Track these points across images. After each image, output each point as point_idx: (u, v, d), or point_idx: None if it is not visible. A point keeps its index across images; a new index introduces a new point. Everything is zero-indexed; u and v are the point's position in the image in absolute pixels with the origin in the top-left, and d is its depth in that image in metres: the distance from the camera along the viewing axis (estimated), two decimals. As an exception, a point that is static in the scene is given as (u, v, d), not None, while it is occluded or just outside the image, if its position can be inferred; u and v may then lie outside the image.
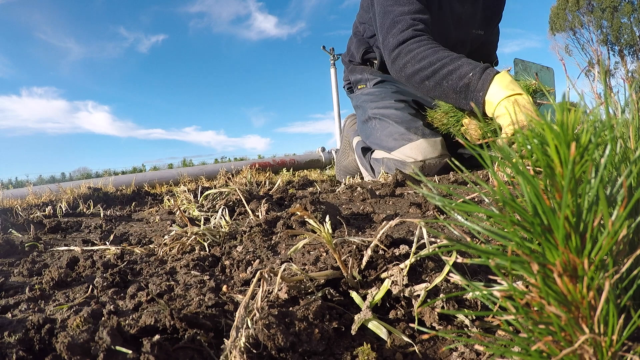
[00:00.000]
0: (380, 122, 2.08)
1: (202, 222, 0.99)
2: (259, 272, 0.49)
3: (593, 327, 0.30)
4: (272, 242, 0.82)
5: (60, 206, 1.65)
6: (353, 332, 0.46)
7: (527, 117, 0.30)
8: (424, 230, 0.55)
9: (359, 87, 2.37)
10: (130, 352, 0.41)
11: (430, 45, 1.72)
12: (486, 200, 0.41)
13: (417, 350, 0.45)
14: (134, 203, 1.87)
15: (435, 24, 2.00)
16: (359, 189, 1.43)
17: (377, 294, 0.50)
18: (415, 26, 1.78)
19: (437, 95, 1.75)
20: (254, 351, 0.41)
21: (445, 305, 0.48)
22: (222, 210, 1.02)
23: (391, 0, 1.88)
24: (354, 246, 0.59)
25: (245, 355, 0.40)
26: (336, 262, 0.58)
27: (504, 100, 1.47)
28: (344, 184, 1.79)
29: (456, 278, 0.41)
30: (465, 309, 0.49)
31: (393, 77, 2.02)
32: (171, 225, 1.16)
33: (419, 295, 0.49)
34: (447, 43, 2.07)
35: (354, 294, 0.52)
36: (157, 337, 0.42)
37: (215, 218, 0.99)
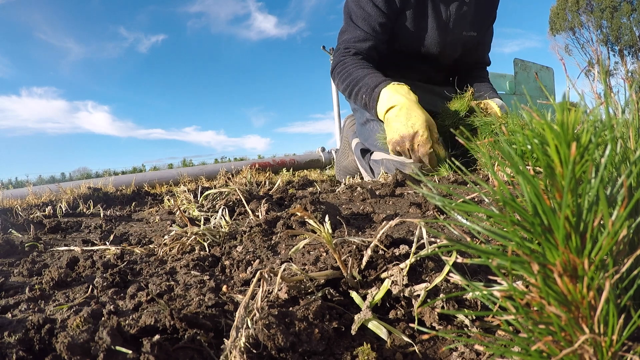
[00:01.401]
0: (379, 123, 2.09)
1: (202, 222, 0.99)
2: (259, 272, 0.49)
3: (593, 327, 0.30)
4: (272, 242, 0.82)
5: (60, 206, 1.65)
6: (353, 332, 0.46)
7: (528, 117, 0.30)
8: (424, 230, 0.55)
9: None
10: (130, 352, 0.41)
11: (350, 67, 1.97)
12: (486, 200, 0.41)
13: (417, 350, 0.45)
14: (134, 203, 1.87)
15: (416, 29, 2.07)
16: (359, 189, 1.43)
17: (377, 294, 0.50)
18: (346, 53, 2.05)
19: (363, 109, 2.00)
20: (254, 351, 0.41)
21: (445, 305, 0.48)
22: (222, 210, 1.02)
23: (346, 22, 2.12)
24: (354, 246, 0.59)
25: (245, 355, 0.40)
26: (336, 262, 0.58)
27: (384, 115, 1.75)
28: (344, 184, 1.79)
29: (456, 278, 0.41)
30: (465, 309, 0.49)
31: None
32: (171, 225, 1.16)
33: (419, 295, 0.49)
34: (433, 46, 2.09)
35: (354, 294, 0.52)
36: (157, 337, 0.42)
37: (215, 218, 0.99)
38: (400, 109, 1.69)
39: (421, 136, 1.63)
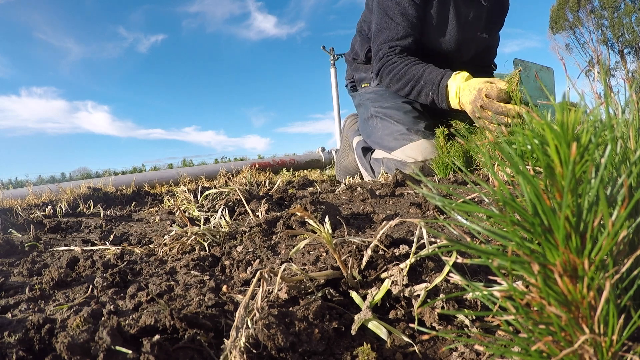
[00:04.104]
0: (382, 121, 2.09)
1: (202, 222, 0.99)
2: (259, 272, 0.49)
3: (593, 327, 0.30)
4: (272, 242, 0.82)
5: (60, 206, 1.65)
6: (353, 332, 0.46)
7: (528, 117, 0.30)
8: (424, 230, 0.55)
9: (363, 85, 2.37)
10: (130, 352, 0.41)
11: (402, 66, 2.01)
12: (486, 200, 0.41)
13: (417, 350, 0.45)
14: (134, 203, 1.87)
15: (438, 22, 2.09)
16: (359, 189, 1.43)
17: (377, 294, 0.50)
18: (392, 52, 2.07)
19: (421, 102, 2.07)
20: (254, 351, 0.41)
21: (445, 306, 0.48)
22: (222, 210, 1.02)
23: (383, 18, 2.09)
24: (354, 246, 0.59)
25: (245, 355, 0.40)
26: (336, 262, 0.58)
27: (457, 95, 1.82)
28: (344, 184, 1.79)
29: (456, 278, 0.41)
30: (465, 309, 0.49)
31: None
32: (171, 225, 1.16)
33: (419, 295, 0.49)
34: (451, 42, 2.10)
35: (354, 294, 0.52)
36: (157, 337, 0.42)
37: (215, 218, 0.99)
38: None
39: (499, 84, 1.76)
